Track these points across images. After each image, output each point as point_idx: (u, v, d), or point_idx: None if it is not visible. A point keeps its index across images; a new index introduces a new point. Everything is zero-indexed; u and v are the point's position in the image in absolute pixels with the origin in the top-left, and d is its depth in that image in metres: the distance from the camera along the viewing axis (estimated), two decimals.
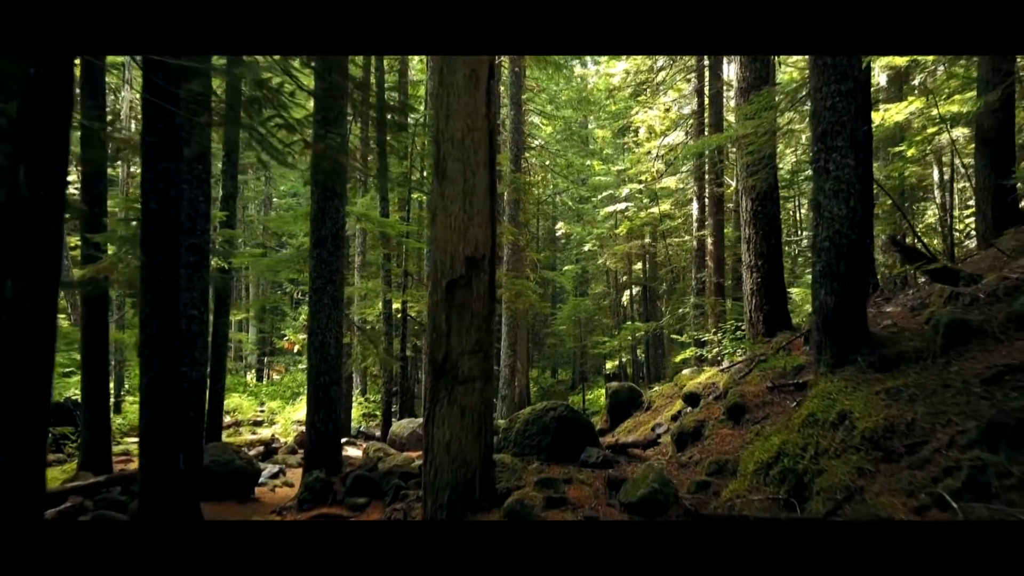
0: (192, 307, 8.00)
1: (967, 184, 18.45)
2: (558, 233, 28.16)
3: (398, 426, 13.27)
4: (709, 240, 16.17)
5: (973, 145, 12.81)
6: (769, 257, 9.98)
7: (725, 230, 16.68)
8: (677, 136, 19.12)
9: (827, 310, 5.04)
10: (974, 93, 12.61)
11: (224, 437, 17.22)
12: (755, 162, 9.06)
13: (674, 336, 18.39)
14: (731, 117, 16.04)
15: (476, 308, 5.45)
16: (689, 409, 9.27)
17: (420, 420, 11.87)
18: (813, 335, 5.21)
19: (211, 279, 11.74)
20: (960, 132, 14.36)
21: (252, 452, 14.26)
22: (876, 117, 10.37)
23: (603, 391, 25.37)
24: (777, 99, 8.55)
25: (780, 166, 14.60)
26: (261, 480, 12.20)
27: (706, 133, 16.02)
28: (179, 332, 5.68)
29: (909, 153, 13.07)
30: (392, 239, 13.81)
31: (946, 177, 19.08)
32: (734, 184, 17.35)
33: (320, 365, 9.30)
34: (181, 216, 5.72)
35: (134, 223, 8.28)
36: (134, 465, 9.66)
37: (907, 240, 10.27)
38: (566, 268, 27.28)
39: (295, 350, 23.68)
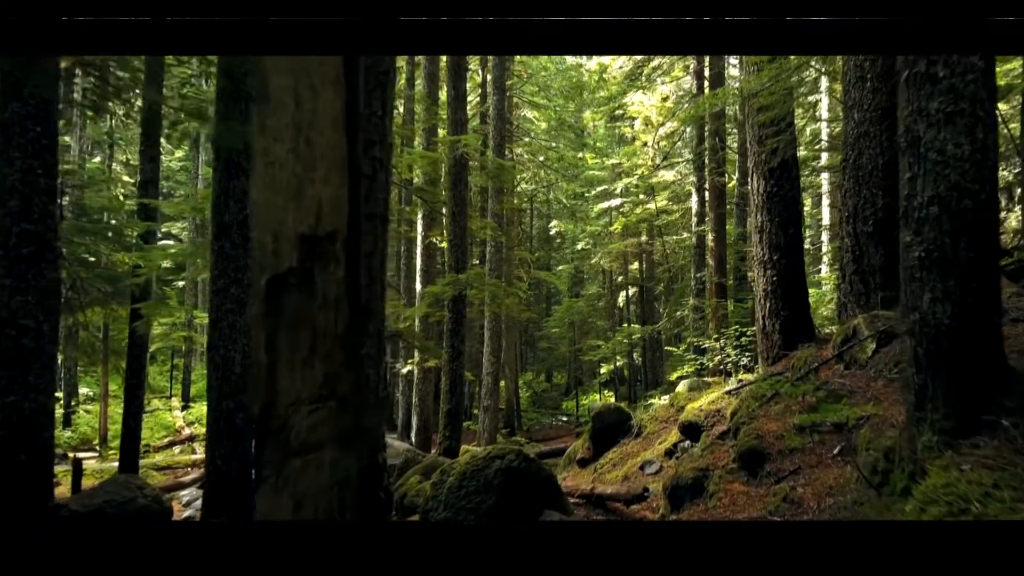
0: (24, 315, 5.66)
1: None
2: (552, 232, 25.74)
3: None
4: (710, 236, 13.87)
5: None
6: (787, 250, 7.55)
7: (727, 225, 14.28)
8: (675, 126, 16.79)
9: (937, 328, 2.61)
10: (1019, 62, 10.36)
11: (177, 454, 14.98)
12: (770, 123, 6.59)
13: (670, 348, 15.96)
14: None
15: (323, 323, 3.00)
16: (687, 443, 6.86)
17: None
18: (911, 373, 2.77)
19: (96, 279, 9.42)
20: (1001, 107, 11.86)
21: (193, 475, 12.00)
22: None
23: (598, 396, 22.87)
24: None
25: None
26: (190, 514, 10.11)
27: (707, 118, 13.60)
28: None
29: None
30: None
31: None
32: (736, 177, 14.95)
33: (222, 386, 6.91)
34: None
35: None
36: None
37: None
38: (559, 268, 24.84)
39: None
